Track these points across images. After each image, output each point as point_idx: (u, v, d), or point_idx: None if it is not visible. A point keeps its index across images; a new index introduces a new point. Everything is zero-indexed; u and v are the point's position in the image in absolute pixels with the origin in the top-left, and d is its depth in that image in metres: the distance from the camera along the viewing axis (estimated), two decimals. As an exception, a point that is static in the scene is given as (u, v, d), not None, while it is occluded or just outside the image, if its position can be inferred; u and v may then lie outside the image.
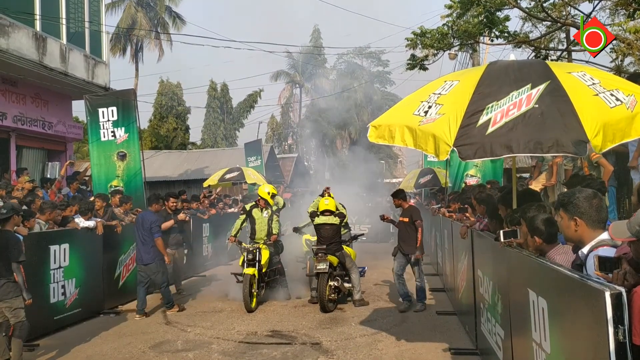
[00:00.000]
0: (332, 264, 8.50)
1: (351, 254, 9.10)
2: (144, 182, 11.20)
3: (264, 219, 9.24)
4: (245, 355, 6.18)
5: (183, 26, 36.34)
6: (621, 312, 2.20)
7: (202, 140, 44.49)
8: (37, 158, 15.08)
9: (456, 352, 6.02)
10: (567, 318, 2.82)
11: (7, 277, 5.45)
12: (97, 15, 15.99)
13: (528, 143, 3.91)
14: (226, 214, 15.01)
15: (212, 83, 44.04)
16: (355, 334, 7.02)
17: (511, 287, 4.21)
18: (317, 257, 8.39)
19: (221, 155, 28.77)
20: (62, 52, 13.99)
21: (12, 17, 12.13)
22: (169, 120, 39.15)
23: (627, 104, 4.05)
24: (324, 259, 8.30)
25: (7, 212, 5.66)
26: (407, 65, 12.81)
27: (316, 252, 8.46)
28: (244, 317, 8.05)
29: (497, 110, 4.13)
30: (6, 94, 13.29)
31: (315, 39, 44.80)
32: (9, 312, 5.50)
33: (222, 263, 13.70)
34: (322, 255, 8.34)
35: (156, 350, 6.43)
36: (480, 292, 5.72)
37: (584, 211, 3.08)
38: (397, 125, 4.73)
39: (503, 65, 4.76)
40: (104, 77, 15.82)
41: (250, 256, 8.63)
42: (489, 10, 11.43)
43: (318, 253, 8.40)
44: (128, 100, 11.33)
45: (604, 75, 4.79)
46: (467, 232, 6.57)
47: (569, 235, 3.18)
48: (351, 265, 8.87)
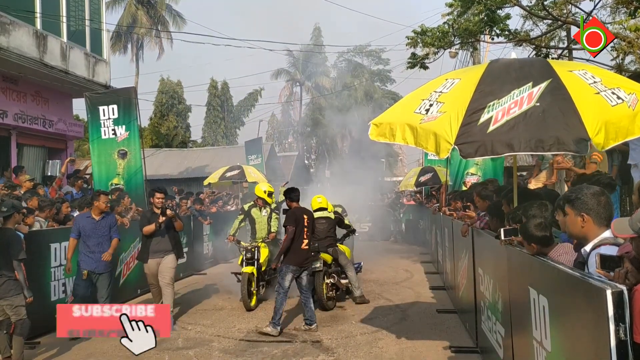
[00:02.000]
0: (326, 262, 8.48)
1: (345, 252, 9.09)
2: (145, 180, 11.20)
3: (264, 218, 9.20)
4: (246, 353, 6.19)
5: (183, 25, 36.39)
6: (622, 310, 2.19)
7: (203, 139, 44.49)
8: (37, 156, 15.08)
9: (456, 350, 6.02)
10: (568, 316, 2.82)
11: (8, 274, 5.45)
12: (98, 13, 15.99)
13: (529, 141, 3.91)
14: (226, 212, 15.02)
15: (213, 81, 44.06)
16: (356, 332, 7.03)
17: (512, 285, 4.21)
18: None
19: (222, 154, 28.79)
20: (62, 50, 13.99)
21: (12, 15, 12.13)
22: (170, 119, 39.15)
23: (629, 102, 4.06)
24: (317, 257, 8.27)
25: (8, 209, 5.67)
26: (408, 63, 12.80)
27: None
28: (245, 315, 8.05)
29: (498, 108, 4.13)
30: (7, 91, 13.29)
31: (316, 37, 44.76)
32: (10, 310, 5.51)
33: (223, 261, 13.71)
34: (315, 254, 8.30)
35: (157, 348, 6.37)
36: (480, 290, 5.72)
37: (591, 207, 3.06)
38: (398, 123, 4.73)
39: (504, 63, 4.76)
40: (105, 75, 15.82)
41: (248, 255, 8.60)
42: (490, 9, 11.41)
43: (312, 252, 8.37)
44: (129, 98, 11.32)
45: (605, 73, 4.79)
46: (468, 230, 6.58)
47: (574, 232, 3.16)
48: (346, 262, 8.78)
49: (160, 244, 7.63)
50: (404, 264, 13.06)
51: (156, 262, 7.58)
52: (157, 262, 7.58)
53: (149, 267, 7.65)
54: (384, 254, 14.43)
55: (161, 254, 7.60)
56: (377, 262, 12.33)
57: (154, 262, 7.58)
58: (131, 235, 9.48)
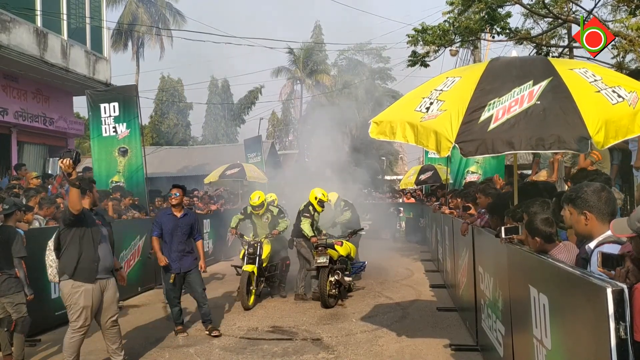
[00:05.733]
0: (332, 258, 8.49)
1: (352, 249, 9.13)
2: (145, 178, 11.21)
3: (264, 224, 9.23)
4: (246, 351, 6.20)
5: (184, 23, 36.37)
6: (623, 308, 2.20)
7: (203, 137, 44.50)
8: (38, 154, 15.11)
9: (457, 348, 6.03)
10: (569, 314, 2.82)
11: (9, 272, 5.47)
12: (98, 11, 16.00)
13: (530, 140, 3.91)
14: (227, 210, 15.03)
15: (213, 79, 44.06)
16: (356, 330, 7.03)
17: (512, 283, 4.21)
18: (317, 251, 8.38)
19: (222, 152, 28.76)
20: (63, 48, 13.98)
21: (13, 13, 12.13)
22: (170, 116, 39.17)
23: (629, 100, 4.06)
24: (324, 252, 8.28)
25: (10, 207, 5.70)
26: (408, 62, 12.79)
27: (316, 246, 8.45)
28: (245, 313, 8.06)
29: (499, 106, 4.13)
30: (7, 89, 13.30)
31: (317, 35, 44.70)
32: (10, 308, 5.52)
33: (223, 259, 13.72)
34: (322, 250, 8.32)
35: (157, 346, 6.45)
36: (480, 289, 5.73)
37: (593, 205, 3.06)
38: (399, 122, 4.73)
39: (505, 61, 4.76)
40: (105, 73, 15.83)
41: (251, 250, 8.61)
42: (491, 7, 11.41)
43: (318, 247, 8.39)
44: (130, 96, 11.34)
45: (606, 72, 4.79)
46: (468, 228, 6.58)
47: (579, 230, 3.17)
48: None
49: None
50: (405, 262, 13.07)
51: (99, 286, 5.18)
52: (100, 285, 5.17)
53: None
54: (385, 252, 14.43)
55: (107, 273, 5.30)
56: (377, 260, 12.33)
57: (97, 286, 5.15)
58: (132, 232, 9.50)
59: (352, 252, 9.20)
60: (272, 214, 9.26)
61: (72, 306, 4.99)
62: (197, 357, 6.04)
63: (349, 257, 8.98)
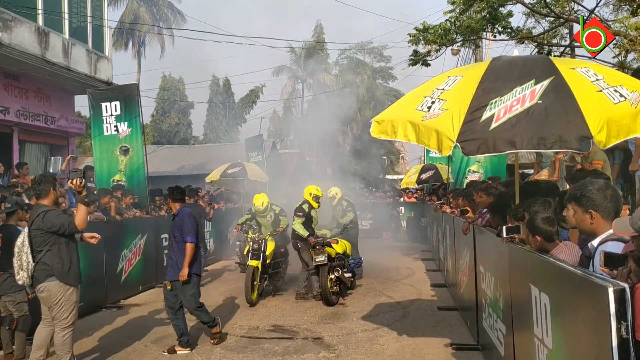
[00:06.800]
0: (331, 256, 8.51)
1: (347, 246, 9.18)
2: (147, 176, 11.21)
3: (268, 222, 9.44)
4: (247, 350, 6.20)
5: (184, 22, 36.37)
6: (624, 307, 2.20)
7: (204, 135, 44.49)
8: (39, 153, 15.11)
9: (457, 347, 6.03)
10: (570, 314, 2.82)
11: (10, 271, 5.47)
12: (100, 9, 15.98)
13: (531, 139, 3.91)
14: (227, 209, 15.04)
15: (215, 78, 44.04)
16: (357, 329, 7.04)
17: (513, 282, 4.21)
18: (315, 249, 8.40)
19: (223, 150, 28.74)
20: (64, 46, 13.98)
21: (14, 12, 12.12)
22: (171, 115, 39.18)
23: (631, 100, 4.05)
24: (322, 251, 8.31)
25: (12, 206, 5.72)
26: (410, 61, 12.79)
27: (313, 245, 8.47)
28: (246, 312, 8.07)
29: (500, 105, 4.13)
30: (9, 88, 13.30)
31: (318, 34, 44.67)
32: (12, 306, 5.53)
33: (224, 258, 13.72)
34: (320, 248, 8.34)
35: (158, 345, 6.45)
36: (482, 288, 5.73)
37: (598, 203, 3.04)
38: (400, 121, 4.73)
39: (507, 61, 4.75)
40: (107, 72, 15.81)
41: (255, 246, 8.72)
42: (492, 6, 11.42)
43: (316, 246, 8.41)
44: (131, 95, 11.34)
45: (608, 71, 4.78)
46: (469, 228, 6.58)
47: (584, 229, 3.15)
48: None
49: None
50: (405, 261, 13.07)
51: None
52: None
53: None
54: (385, 251, 14.43)
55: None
56: (378, 259, 12.33)
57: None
58: (133, 231, 9.50)
59: (347, 249, 9.24)
60: (275, 212, 9.46)
61: (65, 303, 5.00)
62: (197, 356, 6.04)
63: (345, 254, 9.02)
